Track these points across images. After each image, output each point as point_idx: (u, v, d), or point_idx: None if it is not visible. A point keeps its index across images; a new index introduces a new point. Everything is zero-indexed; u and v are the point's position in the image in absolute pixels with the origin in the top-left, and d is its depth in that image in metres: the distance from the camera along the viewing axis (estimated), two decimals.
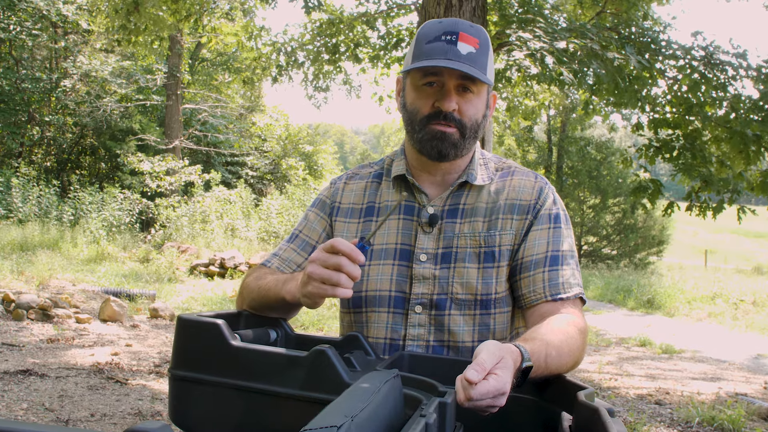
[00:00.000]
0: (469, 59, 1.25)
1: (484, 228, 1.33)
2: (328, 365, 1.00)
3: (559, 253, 1.32)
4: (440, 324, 1.32)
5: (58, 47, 17.92)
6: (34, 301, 6.37)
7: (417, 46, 1.30)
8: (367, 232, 1.40)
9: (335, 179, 1.52)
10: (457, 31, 1.26)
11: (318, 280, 1.12)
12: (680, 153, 5.71)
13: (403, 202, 1.39)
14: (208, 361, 1.08)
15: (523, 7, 6.08)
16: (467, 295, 1.31)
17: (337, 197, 1.47)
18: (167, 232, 13.87)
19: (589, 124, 21.81)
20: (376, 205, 1.42)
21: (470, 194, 1.37)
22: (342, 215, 1.44)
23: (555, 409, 1.05)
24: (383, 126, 63.40)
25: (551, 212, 1.34)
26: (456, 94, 1.28)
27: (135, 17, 6.66)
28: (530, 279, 1.31)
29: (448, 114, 1.27)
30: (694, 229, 35.70)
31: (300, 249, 1.45)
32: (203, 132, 19.23)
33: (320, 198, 1.50)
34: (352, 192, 1.46)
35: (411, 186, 1.38)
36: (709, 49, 5.41)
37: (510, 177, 1.39)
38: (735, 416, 4.45)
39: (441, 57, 1.25)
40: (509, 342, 1.04)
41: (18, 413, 3.68)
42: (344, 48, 7.78)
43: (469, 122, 1.29)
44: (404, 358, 1.18)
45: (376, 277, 1.35)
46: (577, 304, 1.31)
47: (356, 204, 1.44)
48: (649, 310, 11.66)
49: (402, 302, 1.33)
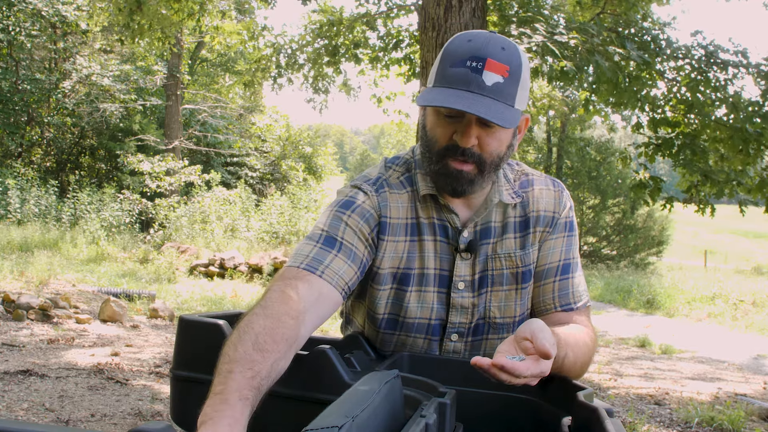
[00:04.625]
0: (495, 92, 1.13)
1: (517, 245, 1.30)
2: (328, 366, 1.00)
3: (570, 262, 1.32)
4: (476, 348, 1.32)
5: (57, 48, 17.91)
6: (34, 301, 6.37)
7: (441, 65, 1.18)
8: (412, 254, 1.26)
9: (369, 186, 1.29)
10: (485, 57, 1.13)
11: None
12: (680, 150, 5.71)
13: (435, 221, 1.28)
14: (209, 361, 1.08)
15: (522, 7, 6.09)
16: (505, 319, 1.30)
17: (386, 211, 1.26)
18: (167, 232, 13.86)
19: (588, 124, 21.80)
20: (416, 221, 1.28)
21: (498, 211, 1.31)
22: (391, 233, 1.26)
23: (554, 410, 1.05)
24: (383, 126, 63.38)
25: (567, 220, 1.34)
26: (477, 127, 1.16)
27: (138, 16, 6.66)
28: (541, 289, 1.31)
29: (467, 150, 1.17)
30: (694, 230, 35.69)
31: (350, 261, 1.19)
32: (203, 132, 19.22)
33: (359, 204, 1.25)
34: (398, 204, 1.28)
35: (442, 206, 1.28)
36: (709, 49, 5.41)
37: (531, 187, 1.33)
38: (734, 416, 4.45)
39: (463, 87, 1.13)
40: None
41: (18, 413, 3.68)
42: (344, 50, 7.78)
43: (490, 158, 1.19)
44: (404, 358, 1.18)
45: (416, 305, 1.29)
46: (587, 312, 1.33)
47: (402, 219, 1.28)
48: (648, 311, 11.65)
49: (439, 330, 1.31)
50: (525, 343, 0.99)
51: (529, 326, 1.00)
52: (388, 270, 1.27)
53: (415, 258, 1.28)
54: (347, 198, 1.26)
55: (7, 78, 16.94)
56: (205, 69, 23.25)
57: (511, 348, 1.01)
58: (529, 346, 0.98)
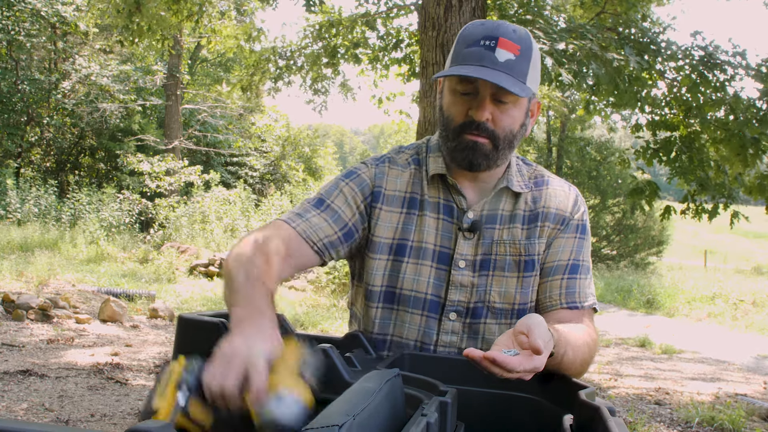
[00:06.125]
0: (507, 67, 1.19)
1: (523, 236, 1.32)
2: (329, 364, 1.00)
3: (579, 263, 1.33)
4: (474, 332, 1.32)
5: (56, 48, 17.91)
6: (34, 301, 6.37)
7: (457, 48, 1.25)
8: (408, 226, 1.32)
9: (374, 160, 1.38)
10: (497, 36, 1.20)
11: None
12: (677, 155, 5.71)
13: (441, 201, 1.33)
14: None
15: (522, 8, 6.08)
16: (504, 305, 1.31)
17: (382, 182, 1.34)
18: (167, 232, 13.86)
19: (588, 124, 21.79)
20: (419, 198, 1.34)
21: (508, 200, 1.34)
22: (386, 203, 1.33)
23: (556, 408, 1.05)
24: (383, 126, 63.41)
25: (580, 222, 1.36)
26: (491, 103, 1.22)
27: (137, 17, 6.65)
28: (548, 284, 1.32)
29: (481, 124, 1.23)
30: (694, 230, 35.68)
31: (332, 220, 1.28)
32: (203, 132, 19.21)
33: (358, 174, 1.35)
34: (396, 178, 1.35)
35: (450, 186, 1.33)
36: (709, 49, 5.40)
37: (546, 186, 1.37)
38: (734, 416, 4.45)
39: (476, 63, 1.19)
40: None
41: (18, 413, 3.68)
42: (343, 50, 7.77)
43: (503, 133, 1.24)
44: (405, 357, 1.18)
45: (413, 277, 1.32)
46: (591, 314, 1.33)
47: (400, 192, 1.34)
48: (649, 311, 11.66)
49: (437, 307, 1.32)
50: (521, 337, 1.00)
51: (527, 321, 1.01)
52: (383, 239, 1.33)
53: (412, 231, 1.33)
54: (351, 169, 1.38)
55: (7, 78, 16.94)
56: (205, 69, 23.25)
57: (508, 341, 1.01)
58: (524, 340, 0.99)
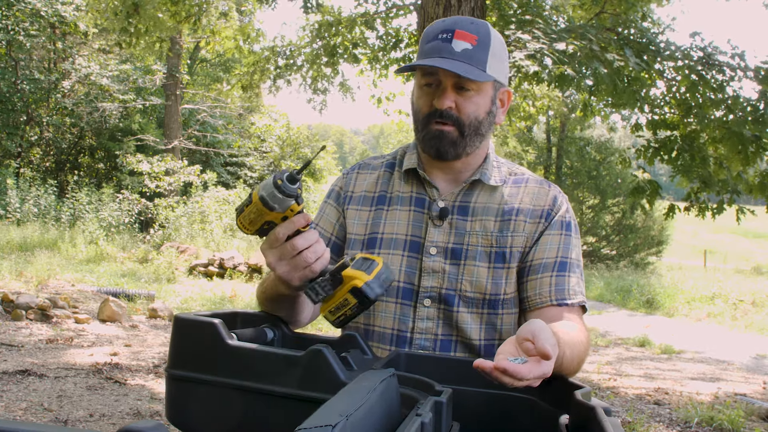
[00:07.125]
0: (465, 56, 1.24)
1: (495, 228, 1.34)
2: (324, 364, 1.00)
3: (567, 260, 1.33)
4: (449, 319, 1.33)
5: (56, 48, 17.90)
6: (33, 301, 6.36)
7: (420, 46, 1.32)
8: (377, 221, 1.40)
9: (348, 170, 1.53)
10: (453, 29, 1.26)
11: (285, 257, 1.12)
12: (679, 154, 5.71)
13: (414, 194, 1.39)
14: (205, 360, 1.08)
15: (522, 8, 6.08)
16: (476, 294, 1.32)
17: (350, 186, 1.47)
18: (166, 232, 13.86)
19: (588, 124, 21.79)
20: (387, 195, 1.43)
21: (482, 194, 1.37)
22: (354, 203, 1.44)
23: (552, 408, 1.05)
24: (382, 126, 63.43)
25: (564, 219, 1.36)
26: (453, 91, 1.28)
27: (135, 19, 6.64)
28: (537, 282, 1.32)
29: (444, 112, 1.28)
30: (694, 229, 35.67)
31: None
32: (202, 132, 19.21)
33: (334, 189, 1.50)
34: (364, 181, 1.46)
35: (422, 180, 1.39)
36: (708, 50, 5.41)
37: (525, 183, 1.39)
38: (734, 416, 4.45)
39: (435, 56, 1.25)
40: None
41: (17, 413, 3.68)
42: (342, 50, 7.76)
43: (468, 120, 1.29)
44: (401, 357, 1.18)
45: None
46: (580, 312, 1.33)
47: (368, 192, 1.45)
48: (648, 311, 11.66)
49: (411, 294, 1.34)
50: (526, 344, 0.98)
51: (530, 327, 0.99)
52: (355, 236, 1.41)
53: (381, 224, 1.40)
54: (331, 186, 1.51)
55: (6, 78, 16.93)
56: (205, 69, 23.25)
57: (512, 349, 0.99)
58: (530, 347, 0.97)
